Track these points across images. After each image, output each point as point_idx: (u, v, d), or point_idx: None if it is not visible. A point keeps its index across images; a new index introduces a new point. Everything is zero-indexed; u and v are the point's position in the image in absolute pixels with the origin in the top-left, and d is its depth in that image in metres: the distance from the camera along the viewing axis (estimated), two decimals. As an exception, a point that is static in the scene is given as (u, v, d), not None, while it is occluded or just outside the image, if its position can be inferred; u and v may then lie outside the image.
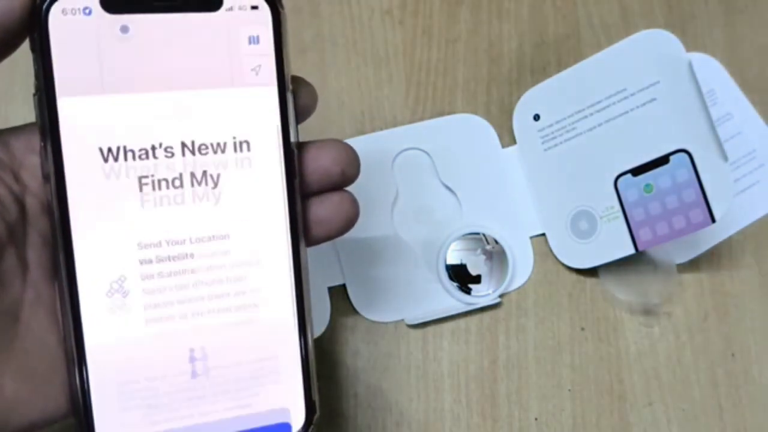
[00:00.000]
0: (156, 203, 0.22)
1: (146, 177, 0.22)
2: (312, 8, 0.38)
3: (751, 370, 0.36)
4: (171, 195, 0.22)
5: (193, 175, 0.22)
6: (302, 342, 0.23)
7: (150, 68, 0.21)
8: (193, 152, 0.22)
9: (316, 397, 0.24)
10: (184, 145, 0.22)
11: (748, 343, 0.36)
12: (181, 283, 0.22)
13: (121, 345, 0.21)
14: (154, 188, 0.22)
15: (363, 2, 0.39)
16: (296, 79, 0.24)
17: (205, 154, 0.22)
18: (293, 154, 0.23)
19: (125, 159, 0.21)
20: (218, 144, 0.22)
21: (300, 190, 0.23)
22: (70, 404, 0.22)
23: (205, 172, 0.22)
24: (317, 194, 0.24)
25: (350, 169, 0.24)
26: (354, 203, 0.25)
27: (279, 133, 0.23)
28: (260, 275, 0.23)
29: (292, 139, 0.23)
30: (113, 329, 0.21)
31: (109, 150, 0.21)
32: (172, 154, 0.22)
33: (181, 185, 0.22)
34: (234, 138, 0.22)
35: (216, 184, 0.22)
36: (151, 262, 0.22)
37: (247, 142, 0.23)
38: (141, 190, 0.22)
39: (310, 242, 0.24)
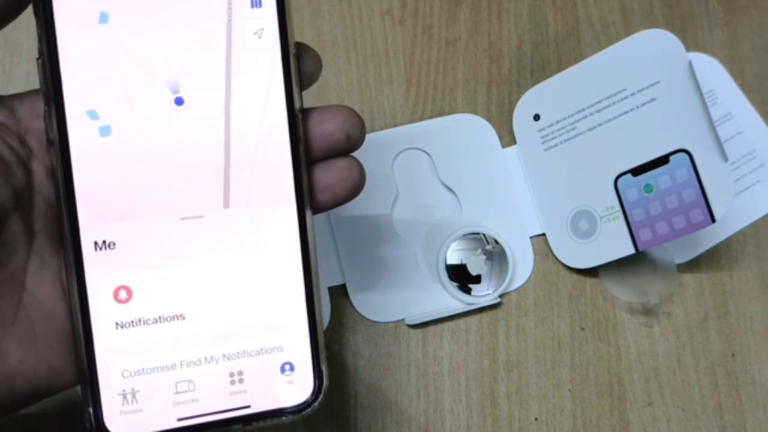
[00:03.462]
0: None
1: None
2: (312, 8, 0.38)
3: (751, 370, 0.36)
4: None
5: None
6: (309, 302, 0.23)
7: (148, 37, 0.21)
8: None
9: (324, 365, 0.23)
10: None
11: (748, 343, 0.36)
12: None
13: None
14: None
15: (363, 2, 0.39)
16: (300, 45, 0.24)
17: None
18: (297, 120, 0.23)
19: None
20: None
21: (305, 156, 0.23)
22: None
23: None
24: (322, 160, 0.24)
25: (355, 133, 0.24)
26: (360, 169, 0.24)
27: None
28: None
29: (296, 105, 0.23)
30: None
31: None
32: None
33: None
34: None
35: None
36: None
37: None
38: None
39: (316, 209, 0.24)
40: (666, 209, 0.34)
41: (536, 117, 0.37)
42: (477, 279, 0.35)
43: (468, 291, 0.35)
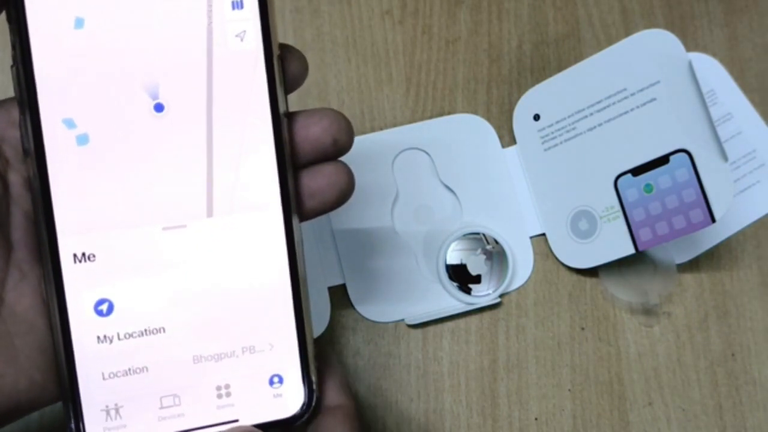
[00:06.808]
0: None
1: None
2: (312, 8, 0.38)
3: (751, 370, 0.36)
4: None
5: None
6: (298, 314, 0.22)
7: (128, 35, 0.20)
8: None
9: (314, 376, 0.22)
10: None
11: (748, 343, 0.36)
12: None
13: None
14: None
15: (363, 2, 0.38)
16: (284, 47, 0.23)
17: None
18: (282, 124, 0.22)
19: None
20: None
21: (291, 161, 0.22)
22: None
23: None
24: (309, 166, 0.23)
25: (342, 137, 0.23)
26: (349, 174, 0.23)
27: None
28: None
29: (281, 108, 0.22)
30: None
31: None
32: None
33: None
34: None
35: None
36: None
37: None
38: None
39: (304, 216, 0.23)
40: (666, 209, 0.34)
41: (536, 117, 0.37)
42: (477, 279, 0.35)
43: (468, 291, 0.35)
